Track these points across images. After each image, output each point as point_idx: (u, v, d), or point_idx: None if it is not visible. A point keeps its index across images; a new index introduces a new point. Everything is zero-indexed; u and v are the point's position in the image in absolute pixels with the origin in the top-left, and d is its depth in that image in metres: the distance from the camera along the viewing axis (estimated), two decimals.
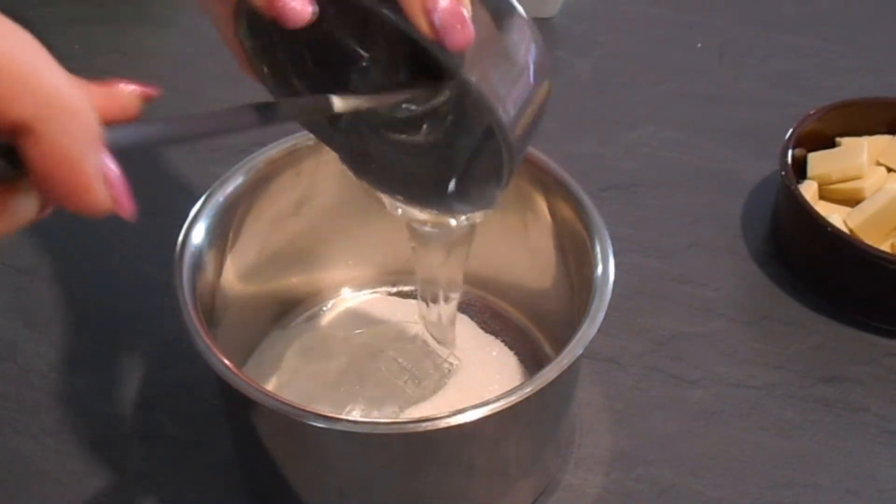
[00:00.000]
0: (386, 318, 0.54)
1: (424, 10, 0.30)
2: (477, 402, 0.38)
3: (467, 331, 0.54)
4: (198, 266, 0.44)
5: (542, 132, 0.36)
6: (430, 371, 0.50)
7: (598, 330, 0.41)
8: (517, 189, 0.50)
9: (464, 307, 0.56)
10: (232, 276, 0.48)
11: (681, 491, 0.49)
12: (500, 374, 0.52)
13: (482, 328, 0.55)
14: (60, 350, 0.55)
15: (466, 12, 0.30)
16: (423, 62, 0.34)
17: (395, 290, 0.57)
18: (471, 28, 0.30)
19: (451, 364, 0.50)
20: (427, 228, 0.43)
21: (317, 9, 0.31)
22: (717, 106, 0.73)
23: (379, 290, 0.57)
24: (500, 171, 0.35)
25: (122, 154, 0.26)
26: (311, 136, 0.43)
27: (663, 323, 0.57)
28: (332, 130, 0.40)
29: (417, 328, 0.51)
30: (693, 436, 0.51)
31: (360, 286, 0.57)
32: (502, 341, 0.54)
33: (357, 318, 0.55)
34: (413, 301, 0.56)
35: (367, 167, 0.41)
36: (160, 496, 0.48)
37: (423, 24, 0.30)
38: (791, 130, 0.60)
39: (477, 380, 0.50)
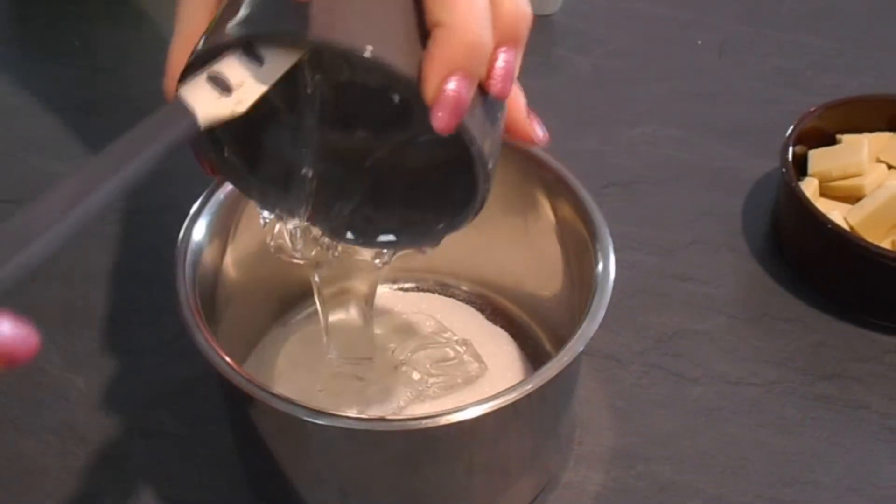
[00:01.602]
0: (390, 315, 0.54)
1: (439, 83, 0.30)
2: (483, 396, 0.38)
3: (475, 323, 0.54)
4: (198, 263, 0.44)
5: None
6: (454, 372, 0.50)
7: (599, 327, 0.41)
8: (518, 187, 0.49)
9: (466, 303, 0.56)
10: (232, 273, 0.48)
11: (681, 488, 0.49)
12: (507, 369, 0.51)
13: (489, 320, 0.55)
14: (61, 348, 0.55)
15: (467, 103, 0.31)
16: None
17: (396, 286, 0.57)
18: (459, 121, 0.31)
19: (481, 369, 0.50)
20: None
21: None
22: (718, 103, 0.72)
23: (380, 286, 0.57)
24: (472, 199, 0.35)
25: None
26: None
27: (664, 320, 0.57)
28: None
29: (428, 324, 0.51)
30: (693, 433, 0.51)
31: None
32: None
33: None
34: (415, 294, 0.56)
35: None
36: (161, 494, 0.48)
37: (429, 92, 0.30)
38: (792, 127, 0.60)
39: (486, 375, 0.50)
